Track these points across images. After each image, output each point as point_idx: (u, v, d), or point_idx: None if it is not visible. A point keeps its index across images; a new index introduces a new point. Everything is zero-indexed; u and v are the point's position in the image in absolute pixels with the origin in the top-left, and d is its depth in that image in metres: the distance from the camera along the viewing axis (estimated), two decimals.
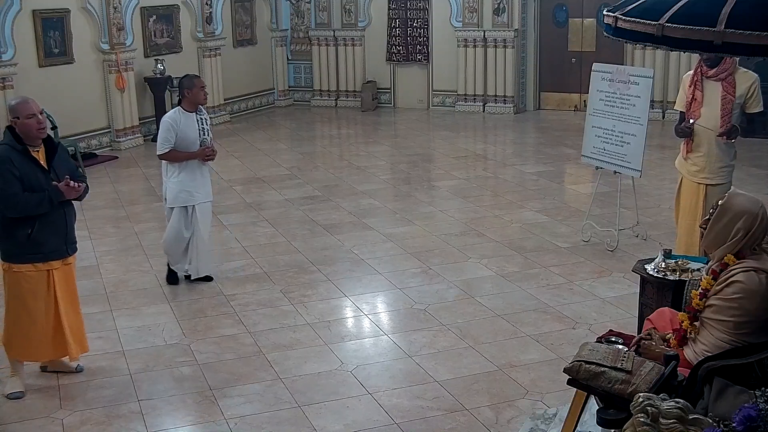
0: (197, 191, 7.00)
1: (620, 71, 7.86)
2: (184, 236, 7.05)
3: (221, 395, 5.30)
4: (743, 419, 3.09)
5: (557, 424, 4.65)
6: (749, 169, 10.35)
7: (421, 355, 5.79)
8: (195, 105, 6.91)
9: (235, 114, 15.52)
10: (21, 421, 5.09)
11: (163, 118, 6.96)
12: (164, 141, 6.82)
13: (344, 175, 11.11)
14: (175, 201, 6.99)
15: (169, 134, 6.80)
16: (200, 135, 6.92)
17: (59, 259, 5.36)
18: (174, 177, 6.94)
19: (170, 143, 6.82)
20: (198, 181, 7.00)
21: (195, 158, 6.92)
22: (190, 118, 6.89)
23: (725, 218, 3.94)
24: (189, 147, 6.88)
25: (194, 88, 6.86)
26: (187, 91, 6.87)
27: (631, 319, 5.94)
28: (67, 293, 5.46)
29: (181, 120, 6.84)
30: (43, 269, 5.30)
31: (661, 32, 3.23)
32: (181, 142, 6.84)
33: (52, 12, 11.78)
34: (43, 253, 5.26)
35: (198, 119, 6.93)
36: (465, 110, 15.24)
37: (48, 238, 5.25)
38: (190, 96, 6.86)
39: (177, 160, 6.89)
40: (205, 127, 6.98)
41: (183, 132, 6.82)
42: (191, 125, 6.88)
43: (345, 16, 16.04)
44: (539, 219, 8.86)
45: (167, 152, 6.85)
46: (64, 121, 11.54)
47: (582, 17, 14.71)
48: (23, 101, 5.22)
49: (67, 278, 5.47)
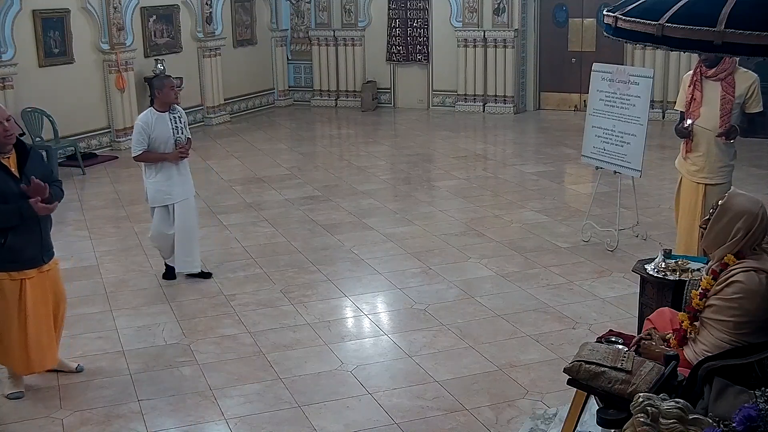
0: (174, 190, 7.10)
1: (620, 71, 7.86)
2: (167, 234, 7.15)
3: (221, 395, 5.30)
4: (743, 419, 3.09)
5: (557, 424, 4.65)
6: (749, 169, 10.35)
7: (421, 355, 5.79)
8: (166, 105, 7.02)
9: (235, 114, 15.52)
10: (21, 421, 5.09)
11: (136, 121, 7.11)
12: (137, 143, 6.96)
13: (344, 175, 11.11)
14: (154, 201, 7.14)
15: (141, 136, 6.93)
16: (174, 134, 7.01)
17: (34, 268, 5.22)
18: (151, 177, 7.08)
19: (143, 145, 6.94)
20: (174, 179, 7.09)
21: (168, 160, 7.01)
22: (162, 118, 6.99)
23: (725, 218, 3.94)
24: (163, 147, 6.99)
25: (164, 88, 6.99)
26: (158, 91, 7.03)
27: (631, 319, 5.94)
28: (40, 303, 5.27)
29: (152, 121, 6.96)
30: (17, 278, 5.16)
31: (661, 32, 3.23)
32: (153, 142, 6.95)
33: (52, 12, 11.78)
34: (19, 262, 5.13)
35: (171, 118, 7.03)
36: (465, 110, 15.24)
37: (23, 247, 5.12)
38: (161, 96, 7.01)
39: (151, 161, 7.02)
40: (179, 126, 7.07)
41: (155, 132, 6.94)
42: (164, 125, 6.98)
43: (345, 16, 16.04)
44: (539, 219, 8.86)
45: (140, 154, 6.98)
46: (63, 121, 11.55)
47: (582, 17, 14.71)
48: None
49: (43, 287, 5.29)
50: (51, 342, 5.43)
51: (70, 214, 9.21)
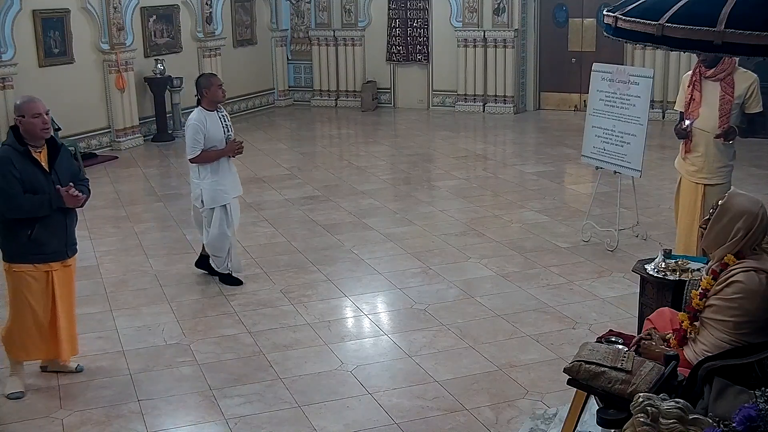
0: (229, 188, 7.00)
1: (620, 71, 7.86)
2: (228, 234, 7.03)
3: (221, 395, 5.30)
4: (743, 419, 3.09)
5: (557, 424, 4.65)
6: (749, 169, 10.35)
7: (421, 355, 5.79)
8: (214, 103, 6.88)
9: (235, 114, 15.48)
10: (21, 421, 5.09)
11: (189, 122, 6.84)
12: (194, 143, 6.77)
13: (344, 175, 11.11)
14: (214, 201, 6.93)
15: (197, 136, 6.76)
16: (225, 132, 6.90)
17: (59, 261, 5.37)
18: (207, 178, 6.89)
19: (200, 145, 6.77)
20: (228, 177, 6.99)
21: (225, 155, 6.90)
22: (213, 117, 6.86)
23: (725, 218, 3.94)
24: (216, 146, 6.86)
25: (212, 86, 6.83)
26: (206, 90, 6.84)
27: (631, 319, 5.94)
28: (65, 295, 5.46)
29: (206, 120, 6.81)
30: (42, 270, 5.31)
31: (661, 32, 3.23)
32: (208, 142, 6.81)
33: (52, 12, 11.78)
34: (43, 254, 5.27)
35: (220, 117, 6.92)
36: (465, 110, 15.24)
37: (48, 240, 5.25)
38: (209, 95, 6.83)
39: (209, 161, 6.84)
40: (228, 124, 6.97)
41: (209, 132, 6.80)
42: (215, 123, 6.85)
43: (345, 16, 16.04)
44: (539, 219, 8.86)
45: (199, 155, 6.81)
46: (64, 121, 11.53)
47: (582, 17, 14.71)
48: (30, 100, 5.21)
49: (66, 280, 5.47)
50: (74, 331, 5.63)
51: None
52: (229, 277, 7.16)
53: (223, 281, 7.15)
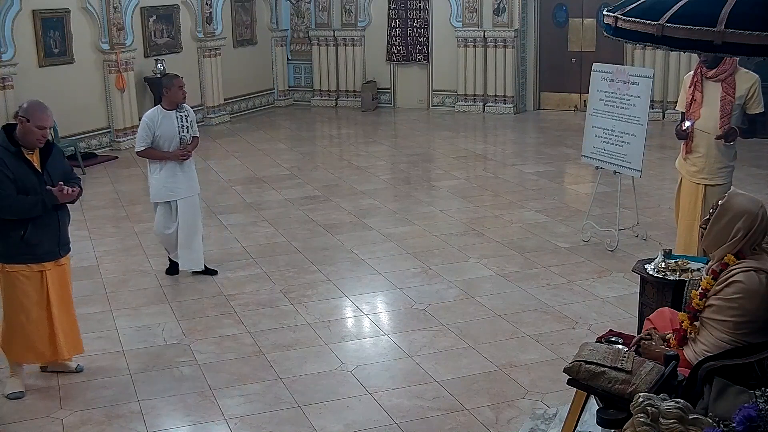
0: (178, 187, 7.13)
1: (620, 71, 7.86)
2: (170, 229, 7.18)
3: (221, 395, 5.30)
4: (743, 419, 3.09)
5: (557, 424, 4.65)
6: (749, 169, 10.35)
7: (421, 355, 5.79)
8: (174, 103, 7.04)
9: (235, 114, 15.51)
10: (21, 421, 5.09)
11: (142, 117, 7.14)
12: (141, 139, 7.02)
13: (344, 175, 11.11)
14: (156, 197, 7.19)
15: (145, 132, 6.99)
16: (179, 132, 7.04)
17: (52, 261, 5.34)
18: (156, 173, 7.13)
19: (147, 141, 7.00)
20: (178, 177, 7.12)
21: (169, 159, 7.04)
22: (169, 117, 7.03)
23: (725, 218, 3.94)
24: (167, 144, 7.02)
25: (173, 87, 7.02)
26: (166, 90, 7.06)
27: (631, 319, 5.94)
28: (60, 294, 5.43)
29: (158, 118, 7.00)
30: (36, 270, 5.28)
31: (661, 32, 3.23)
32: (158, 140, 7.00)
33: (52, 12, 11.78)
34: (36, 255, 5.23)
35: (178, 116, 7.05)
36: (465, 110, 15.24)
37: (41, 240, 5.22)
38: (169, 95, 7.03)
39: (153, 158, 7.08)
40: (185, 125, 7.09)
41: (161, 130, 6.98)
42: (170, 123, 7.01)
43: (345, 16, 16.04)
44: (539, 219, 8.86)
45: (143, 150, 7.04)
46: (64, 121, 11.53)
47: (582, 17, 14.71)
48: (41, 110, 5.13)
49: (60, 279, 5.44)
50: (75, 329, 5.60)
51: (70, 214, 9.17)
52: (172, 267, 7.37)
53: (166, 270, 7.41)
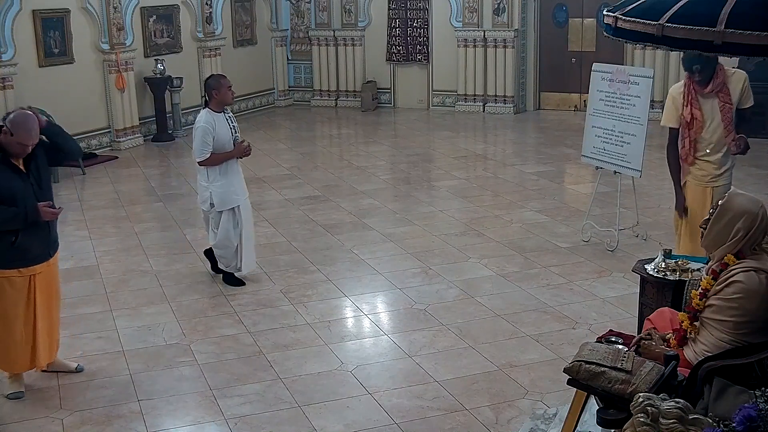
0: (240, 190, 6.97)
1: (620, 71, 7.86)
2: (235, 236, 6.98)
3: (221, 395, 5.30)
4: (743, 419, 3.09)
5: (557, 424, 4.65)
6: (749, 169, 10.35)
7: (421, 355, 5.79)
8: (222, 105, 6.82)
9: (235, 114, 15.37)
10: (21, 421, 5.09)
11: (197, 124, 6.74)
12: (204, 146, 6.68)
13: (344, 175, 11.11)
14: (224, 204, 6.87)
15: (207, 138, 6.67)
16: (232, 133, 6.87)
17: (43, 263, 5.27)
18: (217, 181, 6.82)
19: (210, 147, 6.70)
20: (237, 179, 6.95)
21: (233, 157, 6.85)
22: (221, 119, 6.80)
23: (725, 218, 3.94)
24: (224, 148, 6.80)
25: (222, 88, 6.76)
26: (215, 92, 6.75)
27: (631, 319, 5.94)
28: (47, 296, 5.34)
29: (214, 122, 6.73)
30: (26, 274, 5.19)
31: (661, 32, 3.23)
32: (217, 144, 6.74)
33: (52, 12, 11.78)
34: (27, 259, 5.16)
35: (227, 118, 6.87)
36: (465, 110, 15.24)
37: (32, 244, 5.15)
38: (219, 96, 6.76)
39: (218, 163, 6.78)
40: (234, 125, 6.92)
41: (218, 134, 6.73)
42: (223, 125, 6.79)
43: (345, 16, 16.03)
44: (539, 219, 8.86)
45: (208, 157, 6.74)
46: (64, 122, 11.49)
47: (582, 17, 14.71)
48: (26, 129, 4.97)
49: (49, 279, 5.36)
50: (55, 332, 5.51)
51: (70, 214, 9.20)
52: (232, 278, 7.14)
53: (226, 281, 7.14)
